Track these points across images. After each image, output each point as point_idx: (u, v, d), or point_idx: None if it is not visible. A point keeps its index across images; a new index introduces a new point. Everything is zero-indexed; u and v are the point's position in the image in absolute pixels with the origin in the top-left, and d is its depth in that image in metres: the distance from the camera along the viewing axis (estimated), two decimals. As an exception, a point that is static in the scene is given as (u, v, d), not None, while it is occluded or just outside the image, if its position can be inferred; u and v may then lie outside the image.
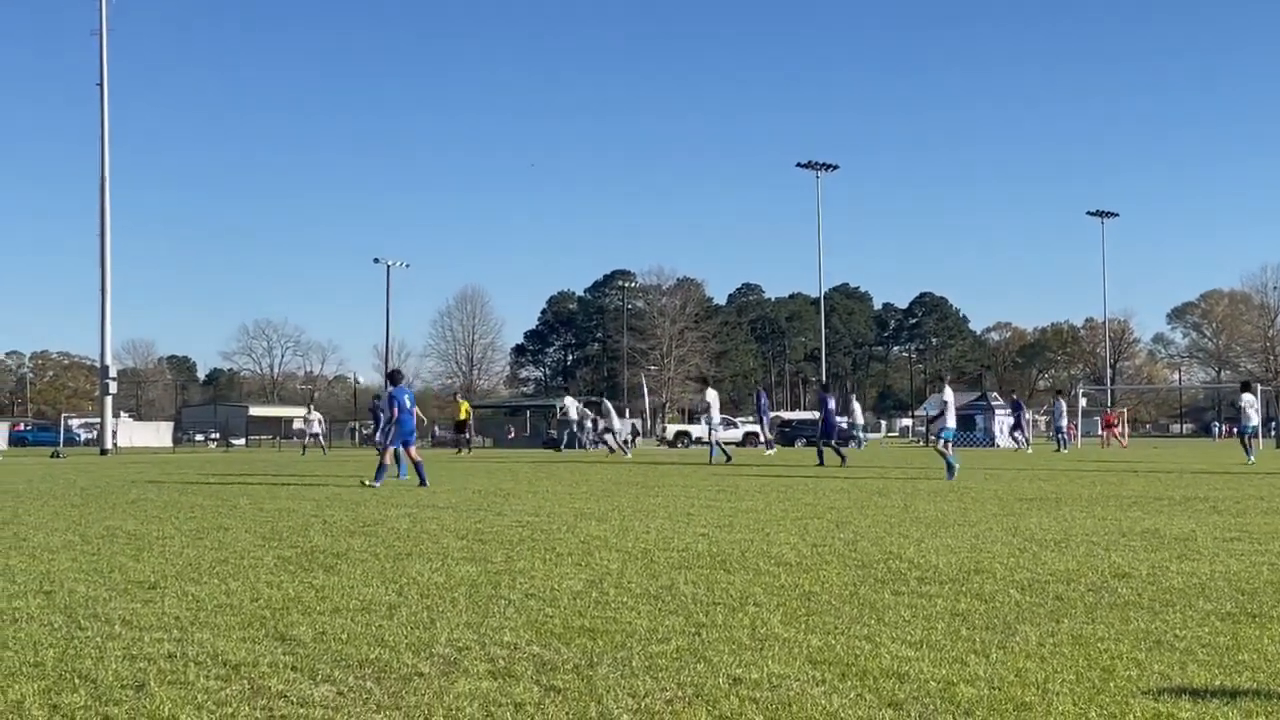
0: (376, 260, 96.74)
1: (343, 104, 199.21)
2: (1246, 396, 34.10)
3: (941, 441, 22.99)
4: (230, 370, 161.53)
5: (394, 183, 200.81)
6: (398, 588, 8.09)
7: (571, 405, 47.15)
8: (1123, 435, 61.62)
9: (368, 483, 19.81)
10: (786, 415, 69.28)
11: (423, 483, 19.74)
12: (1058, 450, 44.86)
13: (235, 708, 4.93)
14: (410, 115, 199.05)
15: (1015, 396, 60.86)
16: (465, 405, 46.96)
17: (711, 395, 34.03)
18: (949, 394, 23.57)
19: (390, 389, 21.58)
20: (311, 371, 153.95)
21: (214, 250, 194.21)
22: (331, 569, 9.08)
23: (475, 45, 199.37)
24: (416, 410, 21.99)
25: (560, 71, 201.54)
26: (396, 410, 20.73)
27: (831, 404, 31.16)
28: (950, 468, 21.94)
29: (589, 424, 47.17)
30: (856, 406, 55.75)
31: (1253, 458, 31.29)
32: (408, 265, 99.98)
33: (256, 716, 4.81)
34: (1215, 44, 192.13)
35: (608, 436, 43.01)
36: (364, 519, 13.47)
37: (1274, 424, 74.99)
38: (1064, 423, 49.47)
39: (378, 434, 23.99)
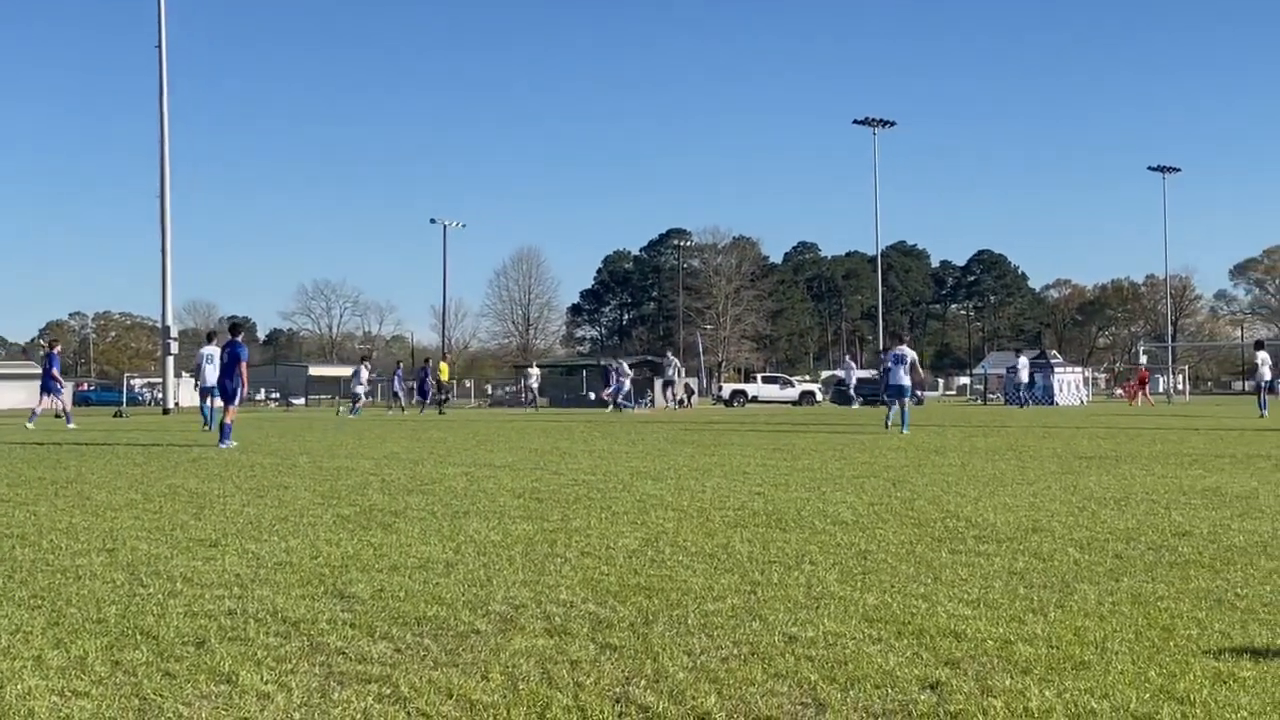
0: (433, 221, 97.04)
1: (400, 65, 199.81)
2: (1261, 354, 35.90)
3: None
4: (290, 330, 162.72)
5: (451, 143, 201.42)
6: (455, 546, 8.13)
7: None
8: (1147, 395, 60.77)
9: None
10: (861, 374, 68.55)
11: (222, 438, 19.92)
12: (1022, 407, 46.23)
13: (294, 664, 4.97)
14: (467, 77, 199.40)
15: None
16: (446, 366, 48.32)
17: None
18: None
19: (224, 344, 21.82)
20: (370, 331, 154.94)
21: (274, 212, 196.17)
22: (389, 527, 9.15)
23: (532, 5, 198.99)
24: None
25: (616, 31, 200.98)
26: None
27: (908, 356, 27.22)
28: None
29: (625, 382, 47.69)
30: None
31: (1266, 412, 32.97)
32: (464, 225, 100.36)
33: (315, 673, 4.85)
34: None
35: (619, 397, 43.06)
36: (421, 477, 13.56)
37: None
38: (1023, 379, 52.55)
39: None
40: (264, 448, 19.25)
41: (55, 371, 31.25)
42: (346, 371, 61.99)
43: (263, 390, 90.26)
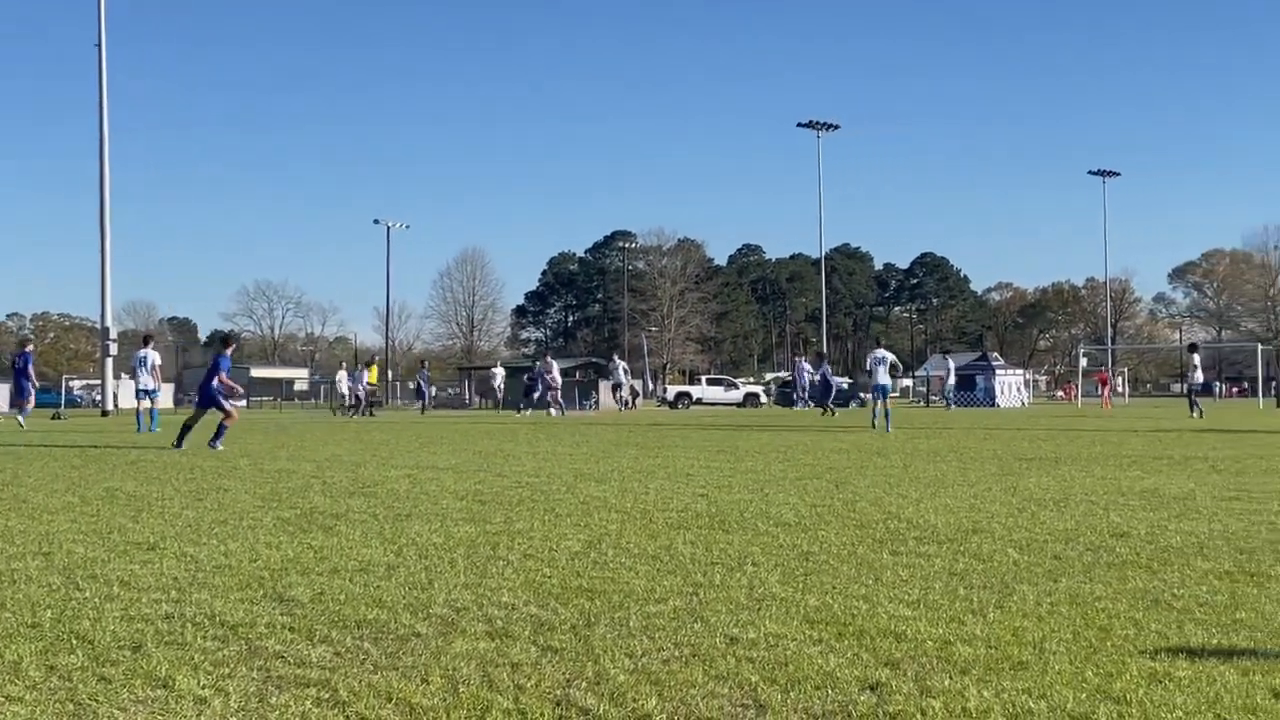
0: (377, 221, 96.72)
1: (343, 65, 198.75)
2: (1195, 357, 36.96)
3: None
4: (231, 331, 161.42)
5: (395, 143, 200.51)
6: (396, 549, 8.09)
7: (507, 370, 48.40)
8: (1108, 396, 61.78)
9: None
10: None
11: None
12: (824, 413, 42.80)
13: (232, 668, 4.93)
14: (411, 77, 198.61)
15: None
16: (374, 369, 48.60)
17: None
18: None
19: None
20: (312, 333, 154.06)
21: (215, 212, 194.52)
22: (330, 530, 9.09)
23: (475, 6, 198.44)
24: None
25: (562, 32, 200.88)
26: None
27: (827, 366, 30.55)
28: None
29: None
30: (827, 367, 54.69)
31: (1195, 414, 34.02)
32: (408, 226, 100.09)
33: (253, 677, 4.81)
34: (1219, 4, 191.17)
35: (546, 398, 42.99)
36: (364, 480, 13.48)
37: (1275, 383, 75.13)
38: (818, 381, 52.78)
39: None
40: (204, 450, 19.05)
41: (30, 370, 31.28)
42: (289, 373, 61.79)
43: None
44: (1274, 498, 11.14)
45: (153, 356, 29.28)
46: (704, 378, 79.79)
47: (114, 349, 53.71)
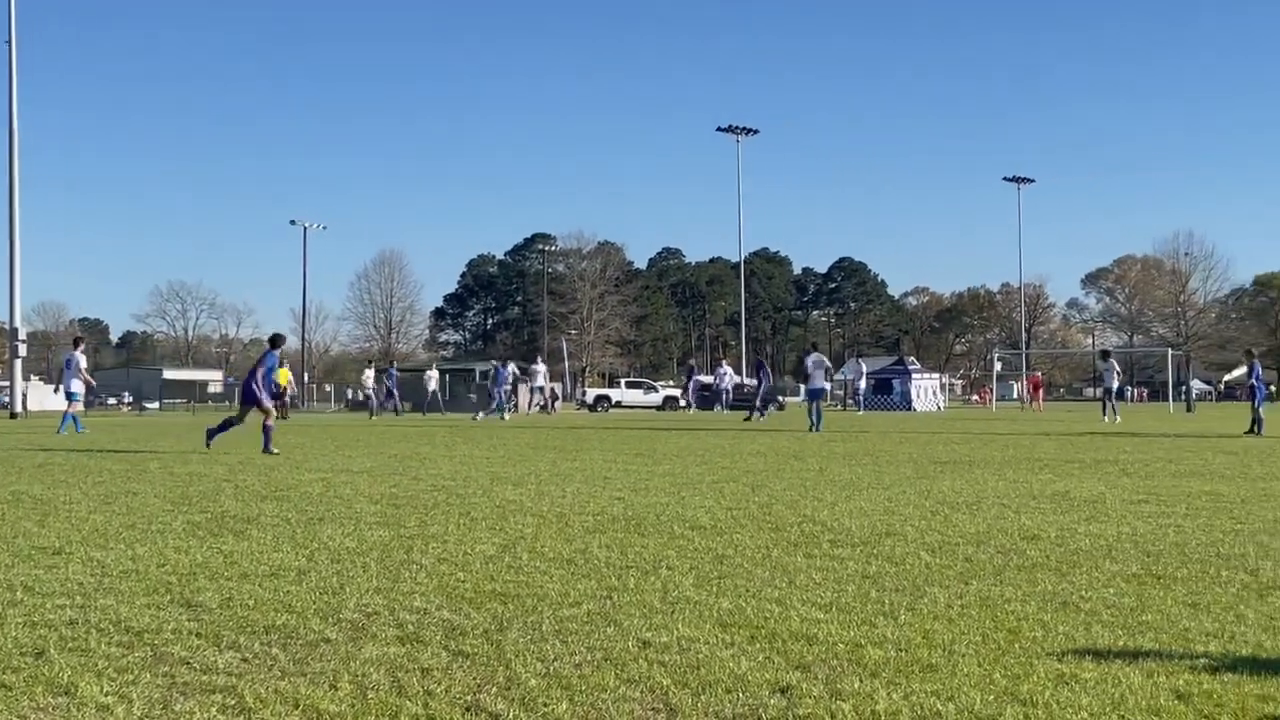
0: (293, 222, 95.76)
1: (259, 64, 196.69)
2: (1108, 363, 38.53)
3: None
4: (144, 333, 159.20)
5: (311, 143, 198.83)
6: (308, 553, 8.00)
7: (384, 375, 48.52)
8: (1040, 400, 62.72)
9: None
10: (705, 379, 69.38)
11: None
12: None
13: (136, 675, 4.84)
14: (328, 76, 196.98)
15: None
16: (286, 372, 48.42)
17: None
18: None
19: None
20: (227, 334, 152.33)
21: (127, 211, 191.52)
22: (241, 534, 8.97)
23: (392, 6, 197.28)
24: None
25: (481, 32, 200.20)
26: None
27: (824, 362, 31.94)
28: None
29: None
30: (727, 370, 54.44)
31: (1107, 418, 35.28)
32: (325, 227, 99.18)
33: (157, 684, 4.73)
34: (1133, 13, 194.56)
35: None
36: (276, 483, 13.33)
37: (1185, 388, 76.48)
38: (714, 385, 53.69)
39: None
40: (115, 453, 18.76)
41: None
42: (202, 375, 61.10)
43: (114, 395, 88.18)
44: (1182, 501, 11.33)
45: (79, 359, 28.88)
46: (623, 381, 79.85)
47: (23, 350, 52.81)
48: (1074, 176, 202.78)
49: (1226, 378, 35.47)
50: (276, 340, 20.89)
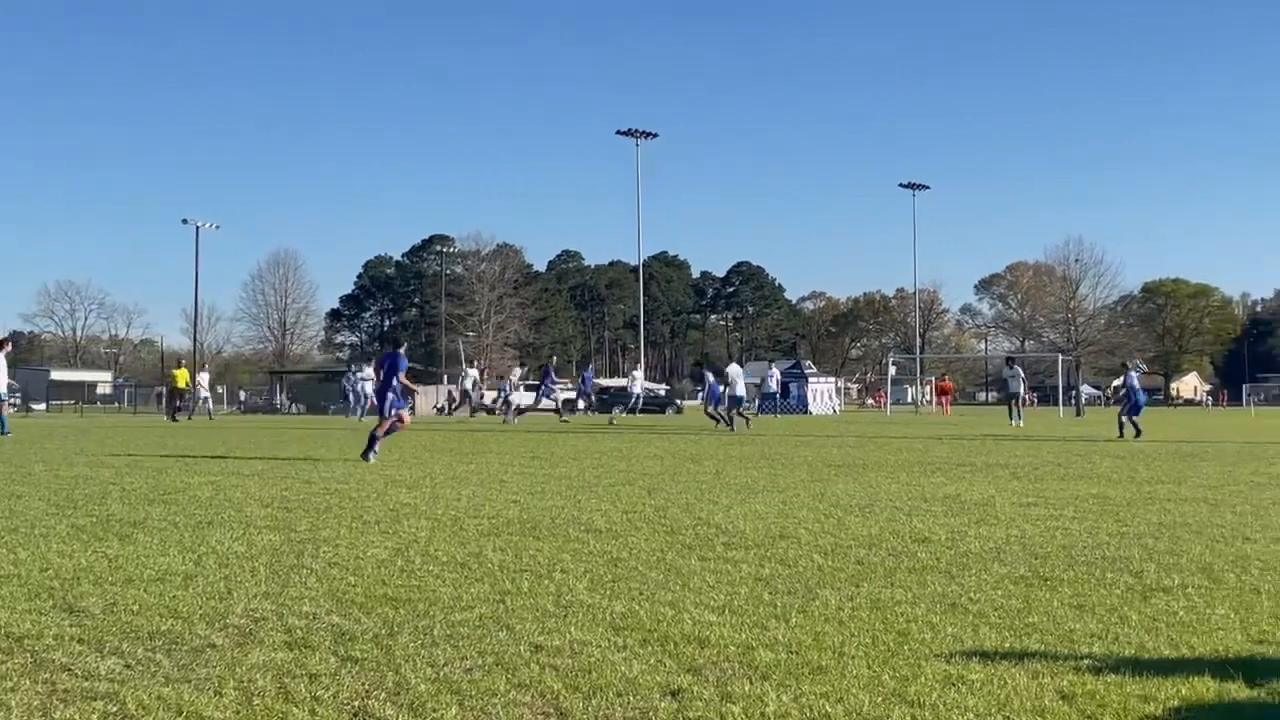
0: (185, 221, 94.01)
1: (151, 63, 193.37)
2: (1014, 369, 40.39)
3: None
4: (31, 333, 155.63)
5: (204, 142, 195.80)
6: (195, 557, 7.87)
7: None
8: (947, 404, 63.66)
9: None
10: (604, 382, 69.40)
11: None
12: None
13: (15, 681, 4.73)
14: (222, 73, 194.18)
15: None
16: (183, 373, 47.71)
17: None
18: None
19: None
20: (116, 335, 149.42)
21: (13, 209, 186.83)
22: (127, 538, 8.79)
23: (287, 7, 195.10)
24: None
25: (379, 32, 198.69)
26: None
27: (712, 378, 35.14)
28: None
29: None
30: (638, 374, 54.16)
31: (1014, 422, 36.85)
32: (218, 227, 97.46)
33: (37, 690, 4.62)
34: (1025, 23, 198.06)
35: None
36: (165, 486, 13.09)
37: (1074, 392, 77.89)
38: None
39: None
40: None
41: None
42: (91, 376, 59.86)
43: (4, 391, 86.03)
44: (1070, 504, 11.53)
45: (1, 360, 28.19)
46: (522, 384, 79.50)
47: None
48: (968, 182, 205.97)
49: (1115, 383, 36.48)
50: (399, 340, 20.17)
